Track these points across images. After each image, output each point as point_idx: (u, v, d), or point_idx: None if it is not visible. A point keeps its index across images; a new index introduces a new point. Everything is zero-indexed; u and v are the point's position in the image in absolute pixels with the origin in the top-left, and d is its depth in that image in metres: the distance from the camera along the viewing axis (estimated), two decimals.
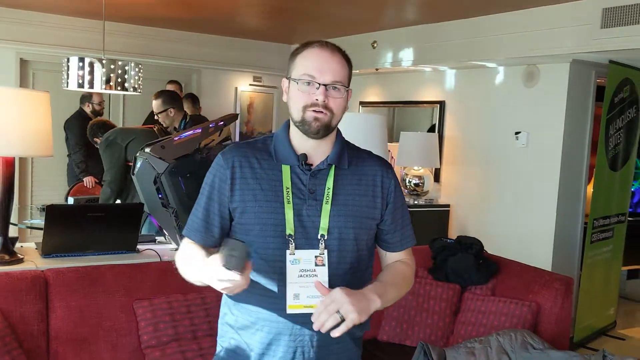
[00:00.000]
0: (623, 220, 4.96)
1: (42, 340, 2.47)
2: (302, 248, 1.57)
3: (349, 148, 1.69)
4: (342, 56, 1.61)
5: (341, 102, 1.59)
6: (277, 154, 1.62)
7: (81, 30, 5.87)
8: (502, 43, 4.66)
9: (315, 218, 1.59)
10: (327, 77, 1.55)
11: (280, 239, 1.56)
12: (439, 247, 3.50)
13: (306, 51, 1.59)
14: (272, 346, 1.59)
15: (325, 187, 1.60)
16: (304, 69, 1.56)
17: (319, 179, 1.61)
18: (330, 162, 1.62)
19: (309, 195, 1.59)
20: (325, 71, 1.55)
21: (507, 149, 4.99)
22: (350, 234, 1.61)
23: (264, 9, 5.25)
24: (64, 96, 5.39)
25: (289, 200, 1.58)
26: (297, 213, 1.58)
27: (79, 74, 4.26)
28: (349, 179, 1.64)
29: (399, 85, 6.17)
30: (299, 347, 1.58)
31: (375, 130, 3.49)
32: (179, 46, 6.48)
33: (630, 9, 3.70)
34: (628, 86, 4.62)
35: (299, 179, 1.60)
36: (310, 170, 1.61)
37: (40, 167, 6.24)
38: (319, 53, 1.58)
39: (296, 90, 1.57)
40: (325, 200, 1.60)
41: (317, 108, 1.55)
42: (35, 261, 2.75)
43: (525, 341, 2.74)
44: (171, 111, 4.26)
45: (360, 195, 1.64)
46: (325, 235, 1.58)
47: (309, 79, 1.55)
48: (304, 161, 1.60)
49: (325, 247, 1.58)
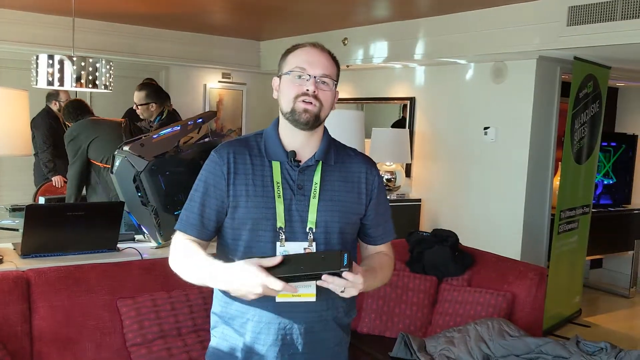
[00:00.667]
0: (588, 212, 5.12)
1: (26, 340, 2.45)
2: (291, 240, 1.63)
3: (335, 145, 1.77)
4: (331, 56, 1.71)
5: (330, 95, 1.67)
6: (267, 151, 1.68)
7: (50, 27, 5.74)
8: (471, 40, 4.76)
9: (304, 212, 1.65)
10: (318, 70, 1.64)
11: (271, 232, 1.63)
12: (416, 240, 3.57)
13: (297, 50, 1.69)
14: (262, 335, 1.64)
15: (313, 183, 1.67)
16: (296, 63, 1.65)
17: (307, 174, 1.68)
18: (317, 158, 1.69)
19: (297, 191, 1.66)
20: (315, 64, 1.64)
21: (476, 144, 5.10)
22: (336, 228, 1.68)
23: (232, 5, 5.24)
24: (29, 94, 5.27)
25: (279, 194, 1.64)
26: (287, 207, 1.64)
27: (48, 72, 4.17)
28: (336, 175, 1.71)
29: (369, 82, 6.24)
30: (287, 335, 1.65)
31: (353, 127, 3.53)
32: (147, 43, 6.42)
33: (595, 7, 3.83)
34: (592, 82, 4.77)
35: (288, 175, 1.67)
36: (298, 167, 1.67)
37: (4, 167, 6.11)
38: (309, 50, 1.67)
39: (287, 82, 1.65)
40: (312, 195, 1.66)
41: (307, 98, 1.62)
42: (14, 262, 2.72)
43: (502, 329, 2.83)
44: (153, 105, 4.34)
45: (346, 192, 1.71)
46: (314, 228, 1.65)
47: (300, 71, 1.63)
48: (292, 157, 1.67)
49: (313, 239, 1.64)
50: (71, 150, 4.07)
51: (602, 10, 3.78)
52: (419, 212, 5.61)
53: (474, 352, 2.75)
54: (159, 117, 4.37)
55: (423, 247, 3.49)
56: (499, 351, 2.74)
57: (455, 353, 2.78)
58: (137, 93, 4.37)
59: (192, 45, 6.71)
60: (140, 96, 4.36)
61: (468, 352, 2.76)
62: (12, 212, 4.55)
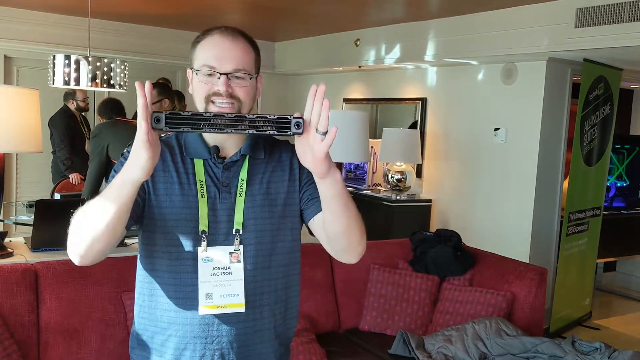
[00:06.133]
0: (598, 214, 5.10)
1: (33, 331, 2.54)
2: (216, 244, 1.46)
3: (264, 138, 1.55)
4: (247, 41, 1.49)
5: (249, 89, 1.46)
6: (187, 148, 1.50)
7: (66, 28, 5.89)
8: (481, 41, 4.77)
9: (230, 212, 1.48)
10: (228, 66, 1.43)
11: (192, 236, 1.46)
12: (419, 239, 3.61)
13: (205, 40, 1.47)
14: (186, 351, 1.48)
15: (239, 179, 1.50)
16: (204, 60, 1.44)
17: (233, 171, 1.50)
18: (244, 153, 1.50)
19: (222, 189, 1.48)
20: (225, 59, 1.43)
21: (486, 145, 5.11)
22: (267, 225, 1.51)
23: (246, 6, 5.32)
24: (48, 93, 5.41)
25: (202, 194, 1.47)
26: (211, 207, 1.47)
27: (65, 71, 4.30)
28: (264, 167, 1.53)
29: (381, 83, 6.28)
30: (217, 350, 1.47)
31: (358, 127, 3.58)
32: (163, 43, 6.53)
33: (602, 9, 3.83)
34: (602, 83, 4.76)
35: (212, 172, 1.49)
36: (223, 163, 1.49)
37: (24, 164, 6.27)
38: (218, 41, 1.45)
39: (197, 82, 1.45)
40: (239, 192, 1.49)
41: (220, 99, 1.42)
42: (24, 255, 2.82)
43: (499, 328, 2.86)
44: (165, 102, 4.44)
45: (276, 182, 1.53)
46: (240, 229, 1.47)
47: (209, 70, 1.43)
48: (215, 154, 1.49)
49: (241, 242, 1.47)
50: (93, 147, 4.27)
51: (609, 13, 3.78)
52: (429, 213, 5.63)
53: (471, 351, 2.78)
54: None
55: (426, 247, 3.53)
56: (496, 350, 2.77)
57: (452, 351, 2.81)
58: None
59: None
60: (152, 94, 4.47)
61: (465, 350, 2.79)
62: (29, 208, 4.69)
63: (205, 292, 1.45)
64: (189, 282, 1.46)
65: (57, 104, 5.83)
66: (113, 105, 4.89)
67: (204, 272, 1.45)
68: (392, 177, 5.58)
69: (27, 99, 2.71)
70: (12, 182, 6.22)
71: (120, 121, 4.59)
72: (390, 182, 5.59)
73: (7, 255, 2.80)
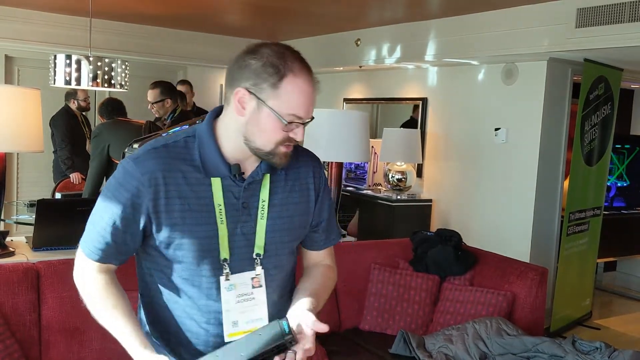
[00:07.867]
0: (599, 214, 5.10)
1: (35, 330, 2.54)
2: (237, 271, 1.43)
3: None
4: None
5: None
6: (205, 166, 1.39)
7: (67, 27, 5.90)
8: (481, 41, 4.77)
9: (250, 235, 1.43)
10: (309, 114, 1.39)
11: (214, 265, 1.41)
12: (420, 239, 3.61)
13: (290, 80, 1.35)
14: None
15: (260, 200, 1.44)
16: (293, 109, 1.35)
17: (252, 190, 1.43)
18: (265, 171, 1.44)
19: (242, 210, 1.42)
20: (310, 110, 1.38)
21: (487, 145, 5.11)
22: (286, 249, 1.51)
23: (247, 6, 5.33)
24: (49, 93, 5.42)
25: (222, 220, 1.39)
26: (231, 232, 1.41)
27: (66, 71, 4.31)
28: (283, 186, 1.48)
29: (382, 83, 6.28)
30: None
31: (358, 127, 3.59)
32: (164, 43, 6.54)
33: (603, 9, 3.83)
34: (603, 84, 4.76)
35: (230, 193, 1.41)
36: (243, 182, 1.42)
37: (25, 164, 6.28)
38: (304, 87, 1.36)
39: (274, 123, 1.35)
40: (260, 215, 1.44)
41: (291, 142, 1.40)
42: (26, 254, 2.83)
43: (500, 328, 2.86)
44: (168, 102, 4.46)
45: (295, 204, 1.50)
46: (262, 254, 1.44)
47: (296, 120, 1.36)
48: (237, 173, 1.41)
49: (262, 267, 1.45)
50: (94, 147, 4.31)
51: (609, 13, 3.78)
52: (430, 213, 5.64)
53: (471, 350, 2.79)
54: (171, 115, 4.48)
55: (426, 247, 3.53)
56: (497, 349, 2.77)
57: (453, 350, 2.82)
58: (150, 91, 4.48)
59: (209, 45, 6.81)
60: (155, 94, 4.47)
61: (466, 350, 2.80)
62: (30, 208, 4.71)
63: (232, 320, 1.44)
64: (212, 310, 1.44)
65: (58, 103, 5.84)
66: (114, 105, 4.91)
67: (227, 300, 1.43)
68: (392, 177, 5.58)
69: (28, 99, 2.71)
70: (14, 181, 6.24)
71: (121, 121, 4.60)
72: (390, 182, 5.59)
73: (9, 254, 2.80)
